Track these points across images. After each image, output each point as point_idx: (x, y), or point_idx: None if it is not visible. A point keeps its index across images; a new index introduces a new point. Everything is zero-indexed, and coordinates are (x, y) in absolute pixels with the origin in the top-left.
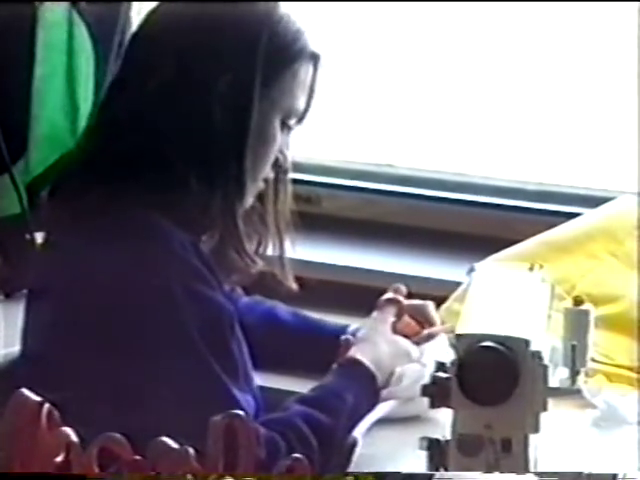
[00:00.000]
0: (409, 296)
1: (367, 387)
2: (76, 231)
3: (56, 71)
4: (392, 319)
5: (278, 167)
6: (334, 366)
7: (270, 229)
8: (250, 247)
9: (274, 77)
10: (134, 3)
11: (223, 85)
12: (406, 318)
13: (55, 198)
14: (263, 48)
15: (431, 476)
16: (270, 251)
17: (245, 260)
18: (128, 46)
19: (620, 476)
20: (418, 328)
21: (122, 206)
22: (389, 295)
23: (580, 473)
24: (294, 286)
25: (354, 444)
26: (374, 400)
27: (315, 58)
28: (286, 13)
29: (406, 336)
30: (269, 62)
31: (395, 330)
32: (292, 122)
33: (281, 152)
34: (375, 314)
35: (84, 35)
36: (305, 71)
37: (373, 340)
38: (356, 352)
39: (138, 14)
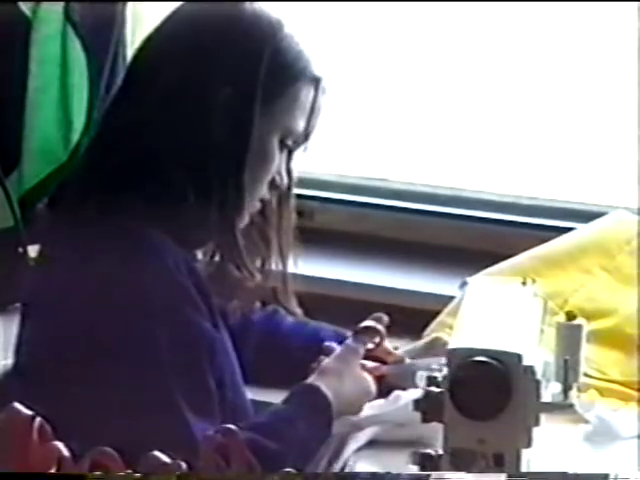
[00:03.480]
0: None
1: (321, 415)
2: (72, 244)
3: (50, 84)
4: (363, 350)
5: (275, 187)
6: (292, 390)
7: (273, 250)
8: (250, 261)
9: (275, 94)
10: (129, 25)
11: (224, 98)
12: (385, 345)
13: (53, 209)
14: (266, 64)
15: (427, 476)
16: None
17: (244, 274)
18: (133, 59)
19: (612, 476)
20: (397, 356)
21: (119, 219)
22: (368, 323)
23: (565, 473)
24: (297, 311)
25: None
26: (327, 429)
27: (316, 81)
28: (290, 33)
29: (383, 362)
30: (271, 79)
31: (369, 358)
32: (290, 143)
33: (278, 173)
34: (349, 341)
35: (78, 49)
36: (306, 92)
37: (338, 370)
38: (317, 379)
39: (132, 34)
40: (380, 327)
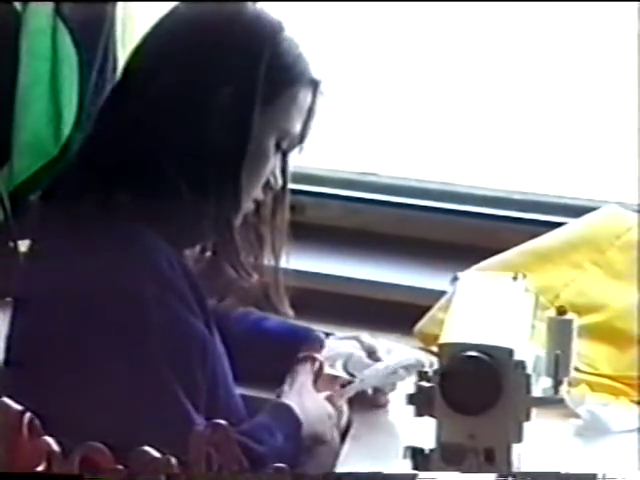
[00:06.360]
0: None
1: (294, 432)
2: (65, 239)
3: (40, 79)
4: (311, 377)
5: (269, 188)
6: (267, 405)
7: (266, 249)
8: (246, 261)
9: (273, 96)
10: (119, 23)
11: (223, 97)
12: (326, 373)
13: (47, 203)
14: (265, 65)
15: (414, 476)
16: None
17: (241, 273)
18: (130, 56)
19: (600, 476)
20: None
21: (112, 215)
22: (305, 353)
23: (558, 473)
24: (289, 312)
25: None
26: (298, 446)
27: (315, 84)
28: (290, 36)
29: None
30: (269, 80)
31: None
32: (285, 145)
33: (273, 174)
34: (297, 369)
35: (68, 42)
36: (304, 96)
37: (300, 395)
38: (287, 399)
39: (122, 32)
40: (319, 356)
